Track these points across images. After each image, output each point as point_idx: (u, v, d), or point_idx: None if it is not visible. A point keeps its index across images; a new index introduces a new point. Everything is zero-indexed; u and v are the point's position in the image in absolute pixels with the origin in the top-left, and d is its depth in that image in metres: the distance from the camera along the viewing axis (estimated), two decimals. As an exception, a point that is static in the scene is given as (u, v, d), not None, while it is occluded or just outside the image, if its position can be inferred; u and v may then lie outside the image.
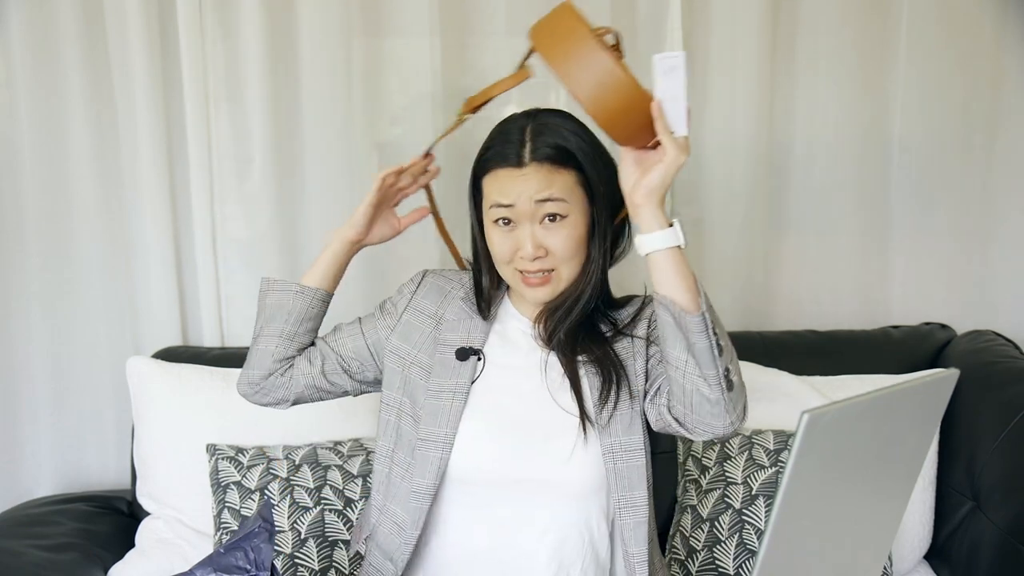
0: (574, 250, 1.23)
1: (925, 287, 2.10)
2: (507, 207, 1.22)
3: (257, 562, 1.05)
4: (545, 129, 1.23)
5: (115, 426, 2.03)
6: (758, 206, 2.05)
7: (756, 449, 1.66)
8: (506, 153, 1.22)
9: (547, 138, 1.22)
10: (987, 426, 1.67)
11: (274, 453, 1.70)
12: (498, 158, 1.23)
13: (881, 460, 0.95)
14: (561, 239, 1.22)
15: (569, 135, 1.23)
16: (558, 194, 1.20)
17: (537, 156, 1.21)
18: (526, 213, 1.21)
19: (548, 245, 1.22)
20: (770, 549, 0.83)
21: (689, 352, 1.12)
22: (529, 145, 1.21)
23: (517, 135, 1.23)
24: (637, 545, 1.22)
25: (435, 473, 1.25)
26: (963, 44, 2.00)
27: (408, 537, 1.26)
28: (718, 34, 1.99)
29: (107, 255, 2.00)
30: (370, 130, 2.02)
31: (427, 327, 1.34)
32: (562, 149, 1.21)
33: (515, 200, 1.21)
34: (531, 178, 1.20)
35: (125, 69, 1.91)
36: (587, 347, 1.27)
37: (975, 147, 2.05)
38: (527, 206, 1.20)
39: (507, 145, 1.23)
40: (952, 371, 0.97)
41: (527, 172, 1.21)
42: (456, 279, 1.39)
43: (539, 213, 1.21)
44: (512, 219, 1.23)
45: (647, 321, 1.30)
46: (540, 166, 1.21)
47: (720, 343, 1.12)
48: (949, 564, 1.71)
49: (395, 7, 1.95)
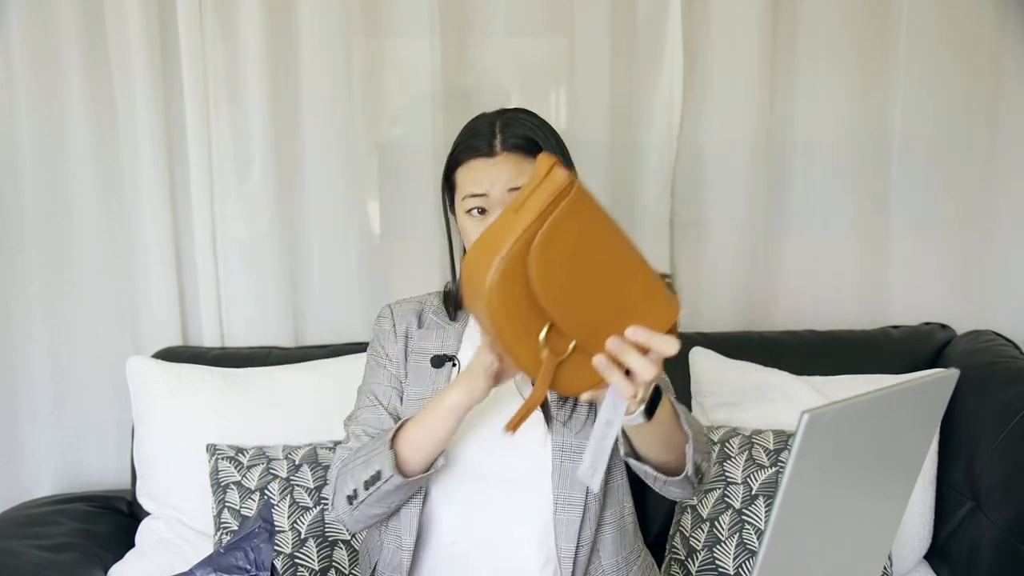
0: None
1: (925, 287, 2.09)
2: (481, 196, 1.24)
3: (257, 562, 1.04)
4: (513, 122, 1.26)
5: (115, 426, 2.03)
6: (758, 206, 2.05)
7: (756, 449, 1.66)
8: (477, 144, 1.25)
9: (516, 129, 1.25)
10: (987, 426, 1.66)
11: (274, 453, 1.70)
12: (470, 150, 1.26)
13: (881, 460, 0.95)
14: None
15: (537, 128, 1.26)
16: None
17: (507, 145, 1.24)
18: (499, 200, 1.23)
19: None
20: (770, 549, 0.83)
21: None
22: (500, 136, 1.25)
23: (487, 128, 1.26)
24: (567, 541, 1.24)
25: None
26: (963, 44, 2.00)
27: (406, 544, 1.27)
28: (718, 34, 1.99)
29: (107, 255, 2.00)
30: (370, 130, 2.01)
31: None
32: (531, 140, 1.24)
33: (488, 188, 1.23)
34: (503, 166, 1.23)
35: (125, 69, 1.91)
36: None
37: (975, 147, 2.04)
38: (499, 193, 1.22)
39: (478, 138, 1.26)
40: (952, 371, 0.97)
41: (499, 161, 1.23)
42: (418, 300, 1.40)
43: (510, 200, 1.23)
44: (486, 208, 1.24)
45: None
46: (511, 154, 1.23)
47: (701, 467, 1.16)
48: (949, 564, 1.71)
49: (395, 7, 1.95)
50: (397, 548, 1.29)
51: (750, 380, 1.80)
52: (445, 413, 1.17)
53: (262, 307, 2.03)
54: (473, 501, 1.27)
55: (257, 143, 1.96)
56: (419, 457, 1.20)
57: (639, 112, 2.01)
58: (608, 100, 1.99)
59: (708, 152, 2.04)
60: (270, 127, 1.95)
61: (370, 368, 1.37)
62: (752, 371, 1.82)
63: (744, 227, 2.05)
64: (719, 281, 2.09)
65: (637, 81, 2.01)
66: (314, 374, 1.83)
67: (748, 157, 2.02)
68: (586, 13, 1.97)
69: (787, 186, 2.07)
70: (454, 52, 1.98)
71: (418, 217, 2.02)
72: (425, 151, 1.99)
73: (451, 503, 1.28)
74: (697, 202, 2.06)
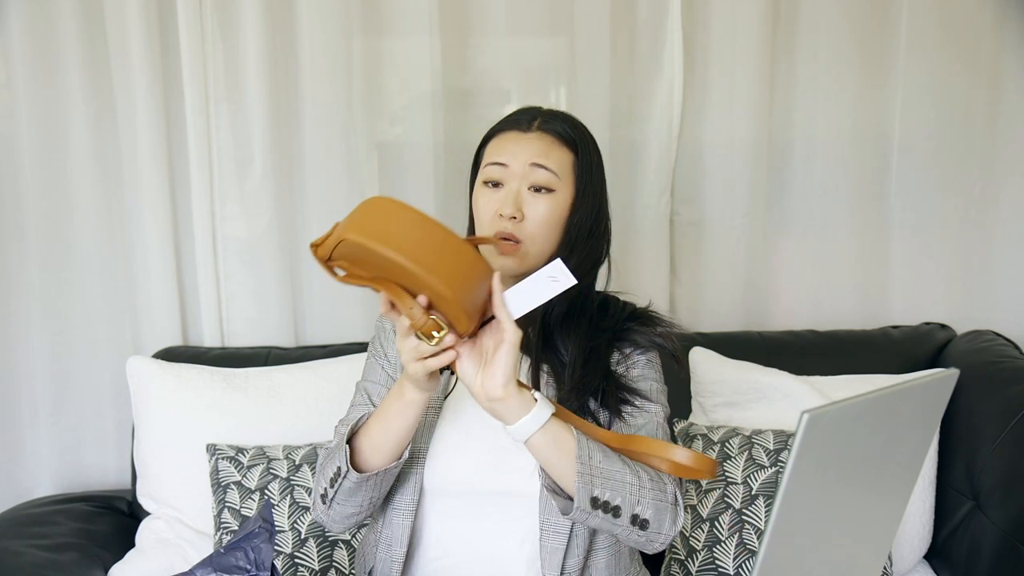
0: (548, 228, 1.23)
1: (925, 287, 2.09)
2: (501, 165, 1.24)
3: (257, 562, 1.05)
4: (557, 115, 1.28)
5: (115, 426, 2.03)
6: (758, 206, 2.05)
7: (756, 449, 1.66)
8: (517, 119, 1.28)
9: (558, 119, 1.27)
10: (987, 426, 1.67)
11: (274, 453, 1.70)
12: (506, 124, 1.29)
13: (881, 460, 0.95)
14: (540, 210, 1.22)
15: (578, 127, 1.28)
16: (553, 166, 1.23)
17: (543, 127, 1.26)
18: (517, 174, 1.23)
19: (526, 212, 1.22)
20: (770, 549, 0.83)
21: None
22: (540, 119, 1.27)
23: (529, 112, 1.29)
24: (551, 569, 1.21)
25: (413, 488, 1.25)
26: (963, 44, 2.00)
27: (396, 554, 1.26)
28: (718, 34, 1.99)
29: (107, 255, 2.00)
30: (370, 130, 2.02)
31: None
32: (568, 132, 1.26)
33: (510, 159, 1.23)
34: (533, 142, 1.24)
35: (125, 69, 1.91)
36: (550, 356, 1.26)
37: (975, 147, 2.05)
38: (520, 167, 1.22)
39: (518, 116, 1.29)
40: (952, 371, 0.97)
41: (531, 136, 1.25)
42: None
43: (529, 178, 1.23)
44: (501, 181, 1.24)
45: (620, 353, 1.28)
46: (544, 135, 1.25)
47: (611, 505, 1.10)
48: (949, 564, 1.71)
49: (395, 7, 1.95)
50: (388, 558, 1.27)
51: (750, 380, 1.80)
52: (403, 407, 1.16)
53: (262, 307, 2.03)
54: (465, 515, 1.25)
55: (257, 143, 1.96)
56: (382, 452, 1.18)
57: (639, 112, 2.01)
58: (608, 100, 2.00)
59: (708, 152, 2.04)
60: (270, 127, 1.95)
61: (369, 365, 1.36)
62: (752, 371, 1.82)
63: (744, 227, 2.05)
64: (719, 281, 2.09)
65: (637, 81, 2.01)
66: (314, 374, 1.83)
67: (748, 157, 2.02)
68: (586, 13, 1.98)
69: (787, 186, 2.07)
70: (454, 52, 1.98)
71: (418, 217, 2.02)
72: (425, 151, 1.99)
73: (444, 516, 1.26)
74: (697, 202, 2.06)
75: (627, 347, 1.28)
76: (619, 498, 1.11)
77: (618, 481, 1.11)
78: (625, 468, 1.12)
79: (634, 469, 1.13)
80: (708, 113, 2.02)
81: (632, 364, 1.28)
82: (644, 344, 1.28)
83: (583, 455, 1.10)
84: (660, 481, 1.14)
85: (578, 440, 1.11)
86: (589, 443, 1.12)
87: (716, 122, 2.02)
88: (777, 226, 2.09)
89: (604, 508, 1.10)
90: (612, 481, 1.11)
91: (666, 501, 1.14)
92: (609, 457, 1.12)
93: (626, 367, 1.27)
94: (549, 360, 1.26)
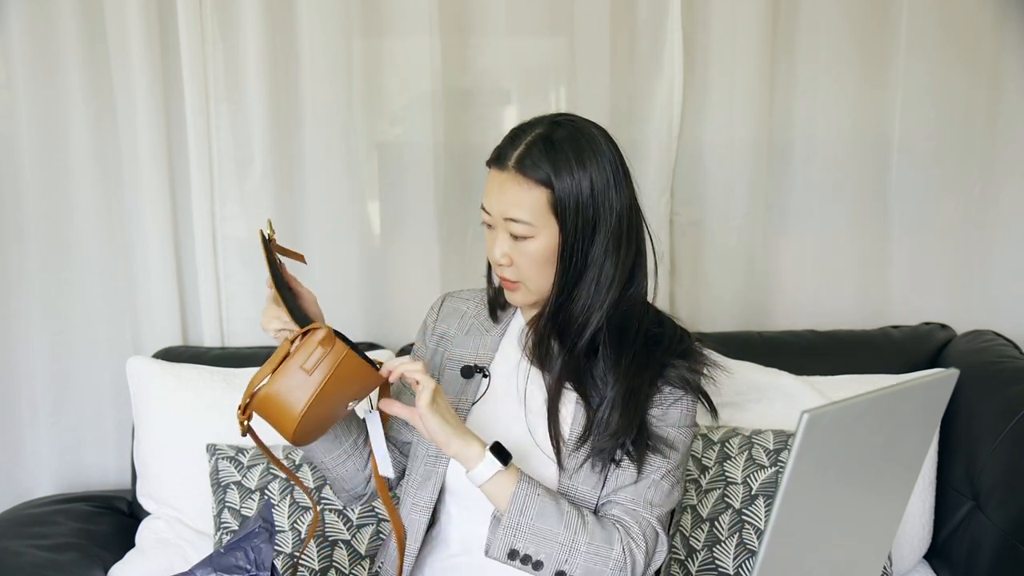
0: (538, 269, 1.21)
1: (925, 287, 2.09)
2: (487, 212, 1.23)
3: (257, 562, 1.05)
4: (542, 142, 1.19)
5: (115, 426, 2.03)
6: (758, 206, 2.05)
7: (756, 449, 1.66)
8: (503, 152, 1.21)
9: (536, 153, 1.19)
10: (987, 426, 1.66)
11: (274, 453, 1.69)
12: (496, 155, 1.23)
13: (881, 460, 0.95)
14: (524, 256, 1.21)
15: (564, 157, 1.19)
16: (524, 216, 1.18)
17: (519, 165, 1.19)
18: (499, 223, 1.21)
19: (514, 257, 1.21)
20: (770, 549, 0.83)
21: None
22: (520, 151, 1.19)
23: (520, 138, 1.21)
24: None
25: (434, 486, 1.26)
26: (963, 44, 2.00)
27: (410, 549, 1.27)
28: (718, 34, 1.99)
29: (107, 255, 2.00)
30: (370, 130, 2.01)
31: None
32: (544, 172, 1.18)
33: (491, 208, 1.22)
34: (506, 187, 1.19)
35: (125, 69, 1.91)
36: (579, 377, 1.23)
37: (975, 147, 2.04)
38: (499, 219, 1.21)
39: (507, 145, 1.22)
40: (952, 371, 0.97)
41: (505, 178, 1.19)
42: (473, 297, 1.39)
43: (507, 227, 1.21)
44: (491, 224, 1.23)
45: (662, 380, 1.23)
46: (516, 176, 1.19)
47: (533, 559, 1.13)
48: (949, 564, 1.71)
49: (395, 7, 1.95)
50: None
51: (750, 380, 1.80)
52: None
53: (262, 307, 2.02)
54: (484, 516, 1.22)
55: (257, 143, 1.96)
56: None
57: (639, 112, 2.01)
58: (608, 100, 1.99)
59: (708, 152, 2.04)
60: (270, 127, 1.95)
61: (415, 347, 1.40)
62: (752, 371, 1.82)
63: (744, 227, 2.05)
64: (719, 281, 2.08)
65: (637, 81, 2.01)
66: (314, 374, 1.82)
67: (748, 157, 2.02)
68: (586, 13, 1.97)
69: (787, 186, 2.07)
70: (454, 52, 1.97)
71: (418, 217, 2.02)
72: (425, 151, 1.99)
73: (463, 516, 1.27)
74: (697, 202, 2.06)
75: (666, 385, 1.23)
76: (543, 554, 1.13)
77: (547, 540, 1.13)
78: (560, 527, 1.14)
79: (576, 529, 1.14)
80: (708, 113, 2.02)
81: (671, 405, 1.23)
82: (684, 388, 1.23)
83: (515, 508, 1.13)
84: (605, 546, 1.14)
85: (514, 496, 1.14)
86: (529, 499, 1.14)
87: (716, 122, 2.02)
88: (777, 226, 2.09)
89: (524, 560, 1.13)
90: (540, 539, 1.13)
91: (604, 566, 1.14)
92: (545, 515, 1.13)
93: (664, 409, 1.22)
94: (578, 384, 1.23)
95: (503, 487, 1.14)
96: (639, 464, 1.19)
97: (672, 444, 1.21)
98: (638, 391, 1.20)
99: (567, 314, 1.23)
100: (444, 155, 2.00)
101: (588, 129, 1.22)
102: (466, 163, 2.02)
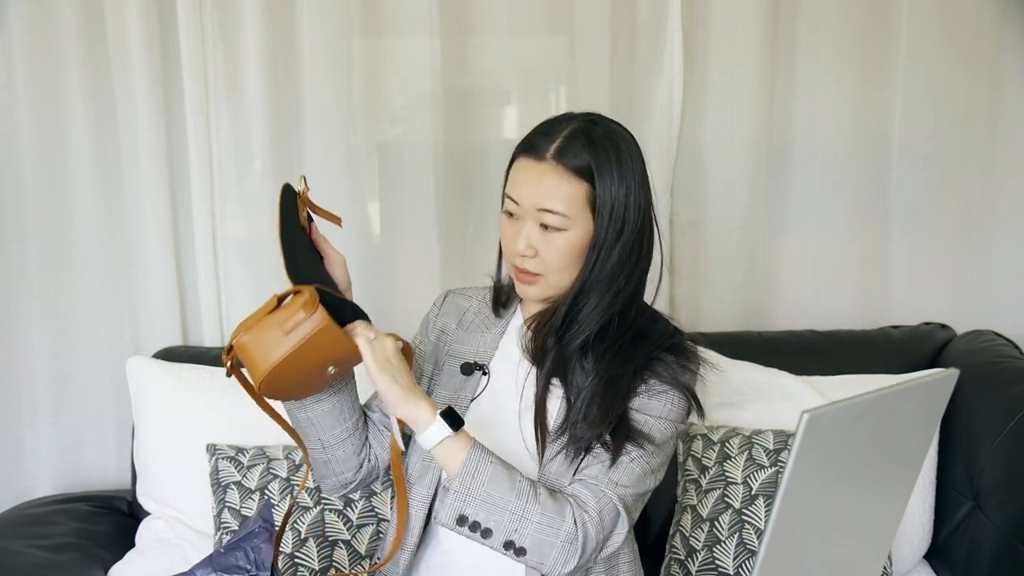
0: (564, 263, 1.21)
1: (925, 287, 2.09)
2: (514, 202, 1.21)
3: (257, 562, 1.05)
4: (583, 136, 1.19)
5: (115, 426, 2.03)
6: (758, 206, 2.05)
7: (756, 449, 1.66)
8: (536, 143, 1.21)
9: (578, 146, 1.19)
10: (987, 426, 1.66)
11: (274, 453, 1.70)
12: (527, 145, 1.22)
13: (881, 460, 0.95)
14: (552, 249, 1.20)
15: (605, 154, 1.19)
16: (560, 208, 1.18)
17: (559, 156, 1.18)
18: (528, 212, 1.20)
19: (540, 249, 1.21)
20: (770, 549, 0.83)
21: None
22: (559, 143, 1.19)
23: (556, 130, 1.21)
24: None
25: (431, 482, 1.26)
26: (963, 44, 2.00)
27: (408, 543, 1.27)
28: (718, 34, 1.99)
29: (107, 255, 2.00)
30: (370, 130, 2.01)
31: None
32: (585, 163, 1.18)
33: (522, 198, 1.20)
34: (543, 178, 1.18)
35: (125, 69, 1.91)
36: (566, 371, 1.23)
37: (975, 147, 2.04)
38: (529, 209, 1.20)
39: (542, 136, 1.21)
40: (952, 371, 0.97)
41: (542, 169, 1.18)
42: (476, 294, 1.39)
43: (539, 218, 1.20)
44: (515, 214, 1.22)
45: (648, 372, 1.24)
46: (556, 167, 1.18)
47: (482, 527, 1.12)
48: (949, 564, 1.71)
49: (395, 7, 1.95)
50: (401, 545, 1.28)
51: (750, 380, 1.80)
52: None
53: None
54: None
55: (257, 143, 1.96)
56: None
57: (639, 112, 2.01)
58: (608, 100, 1.99)
59: (708, 152, 2.03)
60: (270, 127, 1.95)
61: (415, 340, 1.40)
62: (752, 371, 1.82)
63: (744, 227, 2.05)
64: (719, 281, 2.08)
65: (637, 81, 2.01)
66: (314, 374, 1.82)
67: (748, 157, 2.02)
68: (586, 13, 1.97)
69: (787, 186, 2.07)
70: (454, 52, 1.97)
71: (418, 217, 2.02)
72: (425, 151, 1.99)
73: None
74: (697, 202, 2.06)
75: (652, 378, 1.23)
76: (492, 522, 1.11)
77: (498, 507, 1.11)
78: (511, 495, 1.12)
79: (524, 497, 1.12)
80: (708, 113, 2.02)
81: (652, 396, 1.23)
82: (671, 384, 1.23)
83: (466, 472, 1.12)
84: (556, 517, 1.13)
85: (466, 461, 1.12)
86: (482, 464, 1.12)
87: (716, 122, 2.02)
88: (777, 226, 2.09)
89: (472, 527, 1.12)
90: (490, 506, 1.11)
91: (556, 538, 1.12)
92: (497, 482, 1.12)
93: (645, 399, 1.22)
94: (565, 378, 1.23)
95: (454, 452, 1.12)
96: (614, 455, 1.18)
97: (648, 435, 1.20)
98: (619, 381, 1.20)
99: (575, 314, 1.22)
100: (444, 155, 2.00)
101: (621, 131, 1.23)
102: (466, 163, 2.02)
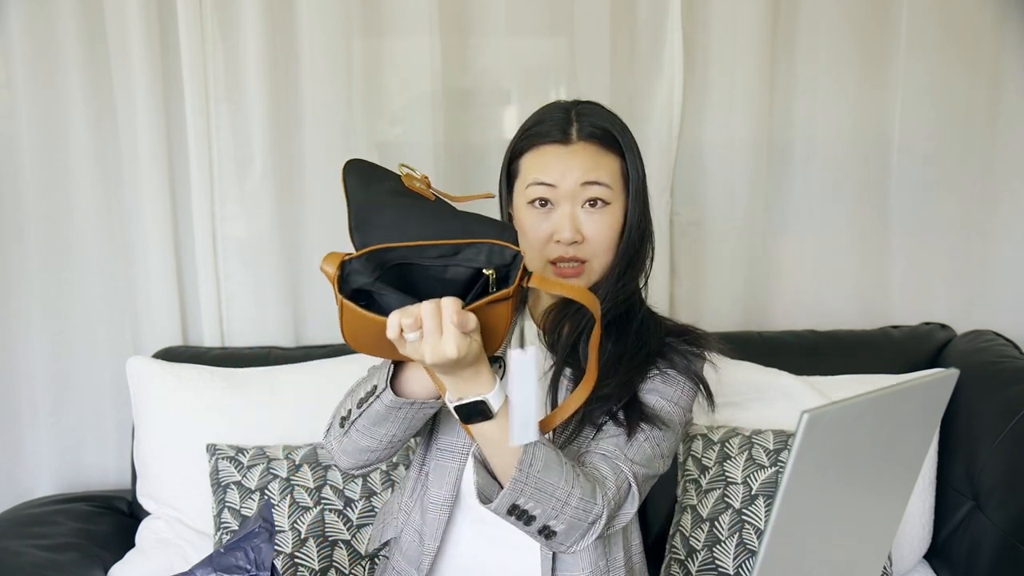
0: (611, 241, 1.18)
1: (925, 287, 2.10)
2: (549, 186, 1.17)
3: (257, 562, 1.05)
4: (591, 112, 1.20)
5: (115, 426, 2.03)
6: (758, 206, 2.05)
7: (756, 449, 1.66)
8: (549, 131, 1.18)
9: (595, 119, 1.19)
10: (987, 426, 1.67)
11: (274, 453, 1.70)
12: (543, 134, 1.19)
13: (881, 460, 0.95)
14: (601, 227, 1.17)
15: (614, 121, 1.20)
16: (605, 178, 1.16)
17: (584, 134, 1.17)
18: (568, 194, 1.16)
19: (586, 231, 1.17)
20: (770, 549, 0.83)
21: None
22: (576, 124, 1.18)
23: (561, 115, 1.20)
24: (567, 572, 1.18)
25: (452, 484, 1.23)
26: (963, 44, 2.00)
27: (428, 548, 1.25)
28: (718, 34, 1.99)
29: (107, 255, 2.00)
30: (370, 130, 2.01)
31: None
32: (609, 132, 1.18)
33: (559, 179, 1.16)
34: (579, 156, 1.16)
35: (125, 69, 1.91)
36: (578, 356, 1.20)
37: (975, 147, 2.05)
38: (571, 186, 1.16)
39: (552, 124, 1.19)
40: (952, 371, 0.97)
41: (575, 150, 1.16)
42: None
43: (582, 196, 1.17)
44: (551, 200, 1.18)
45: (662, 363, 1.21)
46: (588, 145, 1.17)
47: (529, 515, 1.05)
48: (949, 564, 1.71)
49: (395, 7, 1.95)
50: (420, 551, 1.26)
51: (750, 380, 1.80)
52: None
53: (262, 307, 2.03)
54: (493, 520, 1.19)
55: (257, 143, 1.96)
56: (426, 382, 1.10)
57: (639, 112, 2.01)
58: (608, 100, 1.97)
59: (708, 152, 2.04)
60: (270, 127, 1.95)
61: None
62: (752, 371, 1.82)
63: (744, 227, 2.06)
64: (719, 281, 2.09)
65: (637, 81, 2.01)
66: (314, 374, 1.83)
67: (748, 157, 2.02)
68: (586, 13, 1.98)
69: (787, 186, 2.07)
70: (454, 52, 1.98)
71: (418, 217, 2.01)
72: (425, 151, 1.99)
73: (473, 517, 1.25)
74: (697, 202, 2.06)
75: (664, 364, 1.21)
76: (539, 510, 1.05)
77: (548, 495, 1.05)
78: (561, 481, 1.05)
79: (570, 481, 1.06)
80: (708, 113, 2.02)
81: (663, 380, 1.21)
82: (684, 374, 1.21)
83: (525, 460, 1.02)
84: (590, 500, 1.08)
85: (525, 448, 1.02)
86: (537, 447, 1.03)
87: (716, 122, 2.02)
88: (777, 226, 2.09)
89: (519, 516, 1.05)
90: (542, 494, 1.04)
91: (585, 520, 1.08)
92: (550, 468, 1.05)
93: (657, 383, 1.20)
94: (574, 366, 1.21)
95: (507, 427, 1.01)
96: (629, 433, 1.16)
97: (660, 416, 1.18)
98: (631, 358, 1.18)
99: (613, 302, 1.18)
100: (444, 155, 2.00)
101: (595, 102, 1.24)
102: (466, 163, 2.02)
